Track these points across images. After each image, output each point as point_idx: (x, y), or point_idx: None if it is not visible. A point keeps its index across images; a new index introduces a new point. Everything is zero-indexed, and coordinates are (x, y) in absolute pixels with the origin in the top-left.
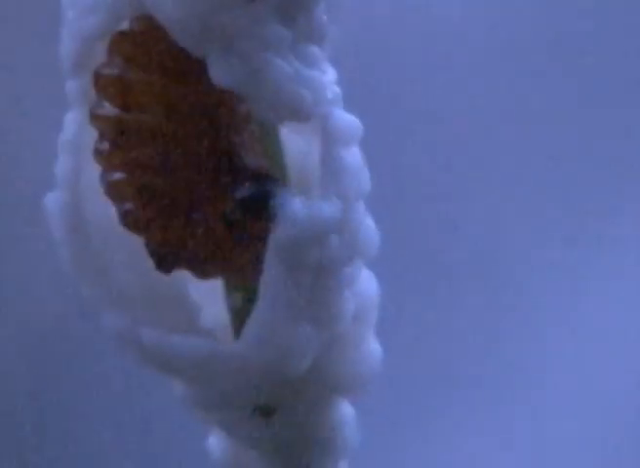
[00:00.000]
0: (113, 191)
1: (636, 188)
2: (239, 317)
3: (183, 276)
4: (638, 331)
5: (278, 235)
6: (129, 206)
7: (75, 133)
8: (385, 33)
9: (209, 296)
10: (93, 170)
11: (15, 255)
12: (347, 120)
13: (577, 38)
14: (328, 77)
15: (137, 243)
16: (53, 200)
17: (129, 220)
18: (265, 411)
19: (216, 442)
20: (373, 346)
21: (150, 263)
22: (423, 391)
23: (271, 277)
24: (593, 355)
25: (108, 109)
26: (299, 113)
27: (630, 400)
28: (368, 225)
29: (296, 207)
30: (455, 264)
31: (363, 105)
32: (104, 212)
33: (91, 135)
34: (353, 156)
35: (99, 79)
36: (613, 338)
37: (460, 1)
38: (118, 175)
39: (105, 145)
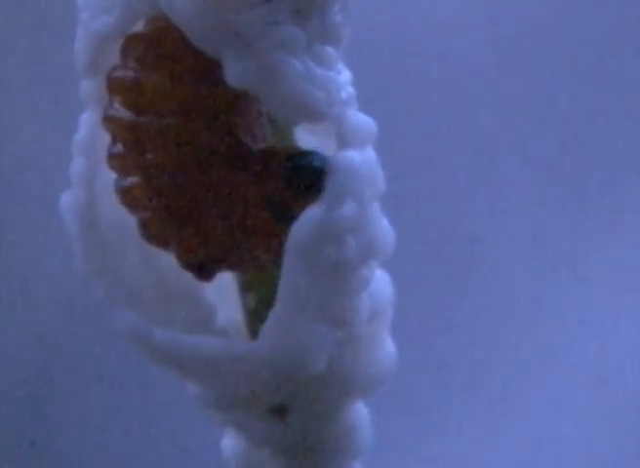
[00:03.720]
0: (128, 198)
1: (637, 180)
2: (253, 317)
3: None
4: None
5: (296, 235)
6: (147, 215)
7: (89, 133)
8: (401, 34)
9: (222, 297)
10: (107, 169)
11: (19, 256)
12: (361, 120)
13: (576, 35)
14: (342, 77)
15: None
16: (67, 199)
17: (151, 234)
18: (279, 412)
19: (229, 441)
20: (387, 347)
21: (164, 262)
22: (425, 391)
23: (289, 277)
24: (594, 354)
25: (121, 112)
26: (312, 113)
27: (632, 398)
28: (383, 226)
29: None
30: (456, 264)
31: (377, 106)
32: (119, 211)
33: (106, 135)
34: (368, 156)
35: (111, 82)
36: (614, 337)
37: (470, 1)
38: (133, 180)
39: (119, 148)
